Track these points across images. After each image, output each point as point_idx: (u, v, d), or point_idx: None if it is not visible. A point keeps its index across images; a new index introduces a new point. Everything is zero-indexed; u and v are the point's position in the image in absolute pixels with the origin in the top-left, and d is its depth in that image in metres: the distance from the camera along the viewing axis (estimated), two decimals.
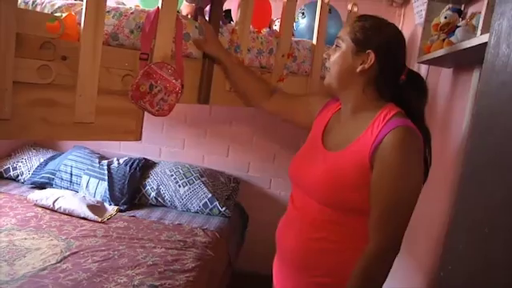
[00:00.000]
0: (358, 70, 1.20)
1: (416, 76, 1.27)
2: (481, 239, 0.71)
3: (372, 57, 1.18)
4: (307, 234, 1.23)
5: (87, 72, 1.23)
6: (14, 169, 2.96)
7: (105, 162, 2.89)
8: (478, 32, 1.17)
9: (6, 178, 2.95)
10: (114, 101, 1.32)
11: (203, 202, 2.73)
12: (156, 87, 1.31)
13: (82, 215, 2.44)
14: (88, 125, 1.29)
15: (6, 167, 2.97)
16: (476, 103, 0.84)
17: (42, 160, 3.00)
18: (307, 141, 1.39)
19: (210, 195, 2.75)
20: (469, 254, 0.74)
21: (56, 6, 1.40)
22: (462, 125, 1.54)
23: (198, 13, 1.52)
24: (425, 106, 1.25)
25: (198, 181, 2.81)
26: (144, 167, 2.91)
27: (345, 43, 1.23)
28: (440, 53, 1.47)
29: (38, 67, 1.15)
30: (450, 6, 1.70)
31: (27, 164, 2.99)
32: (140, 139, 1.43)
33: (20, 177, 2.94)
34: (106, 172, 2.79)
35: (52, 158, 3.01)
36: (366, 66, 1.19)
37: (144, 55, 1.31)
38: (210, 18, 1.53)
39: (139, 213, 2.66)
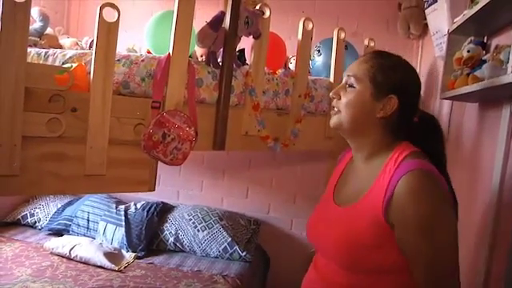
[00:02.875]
0: (378, 115, 1.09)
1: (429, 119, 1.18)
2: None
3: (395, 102, 1.08)
4: None
5: (98, 123, 1.20)
6: (32, 215, 2.93)
7: (122, 207, 2.84)
8: (509, 68, 1.09)
9: (24, 225, 2.92)
10: (126, 151, 1.28)
11: (223, 246, 2.64)
12: (169, 136, 1.27)
13: (99, 264, 2.37)
14: (100, 177, 1.25)
15: (23, 214, 2.94)
16: None
17: (59, 205, 2.97)
18: (322, 197, 1.28)
19: (229, 239, 2.66)
20: None
21: (67, 56, 1.39)
22: (492, 163, 1.44)
23: (210, 57, 1.49)
24: (443, 148, 1.15)
25: (218, 224, 2.73)
26: (162, 211, 2.85)
27: (362, 84, 1.11)
28: (468, 89, 1.39)
29: (48, 120, 1.12)
30: (472, 38, 1.63)
31: (44, 210, 2.96)
32: (153, 190, 1.39)
33: (37, 223, 2.90)
34: (123, 218, 2.73)
35: (69, 204, 2.97)
36: (389, 111, 1.08)
37: (156, 103, 1.27)
38: (222, 61, 1.50)
39: (157, 259, 2.57)
